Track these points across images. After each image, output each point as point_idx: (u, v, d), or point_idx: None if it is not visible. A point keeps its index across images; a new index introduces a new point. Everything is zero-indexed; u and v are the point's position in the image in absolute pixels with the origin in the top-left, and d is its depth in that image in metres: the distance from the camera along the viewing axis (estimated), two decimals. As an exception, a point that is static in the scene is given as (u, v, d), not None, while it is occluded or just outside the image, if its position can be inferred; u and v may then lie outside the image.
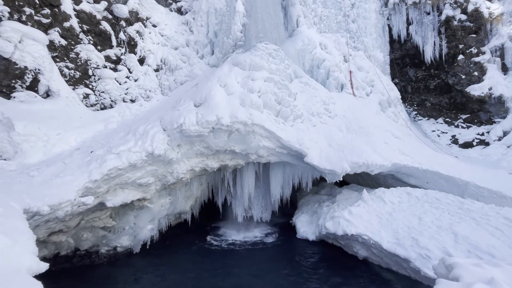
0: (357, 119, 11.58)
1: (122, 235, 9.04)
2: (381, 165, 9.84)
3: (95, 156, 7.87)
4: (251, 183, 11.35)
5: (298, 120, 10.25)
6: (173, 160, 8.78)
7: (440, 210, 8.21)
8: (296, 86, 11.37)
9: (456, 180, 10.31)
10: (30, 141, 7.94)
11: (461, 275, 3.08)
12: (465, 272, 3.11)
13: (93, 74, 10.85)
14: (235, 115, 8.77)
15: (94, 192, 7.41)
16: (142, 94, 11.76)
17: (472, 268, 3.17)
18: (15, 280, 2.83)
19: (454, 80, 15.24)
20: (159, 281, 7.40)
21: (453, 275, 3.21)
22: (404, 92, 17.19)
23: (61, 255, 8.31)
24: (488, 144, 13.74)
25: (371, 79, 14.12)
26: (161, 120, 9.05)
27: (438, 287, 2.69)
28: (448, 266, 3.45)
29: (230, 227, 11.75)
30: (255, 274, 7.65)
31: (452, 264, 3.38)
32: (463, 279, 2.99)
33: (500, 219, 7.35)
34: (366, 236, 7.77)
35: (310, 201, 12.12)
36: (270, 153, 9.77)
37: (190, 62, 13.25)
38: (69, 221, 7.32)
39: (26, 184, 6.45)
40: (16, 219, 4.14)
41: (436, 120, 16.05)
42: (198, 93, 9.58)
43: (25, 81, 9.04)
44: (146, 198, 9.01)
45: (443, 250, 6.45)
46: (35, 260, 3.48)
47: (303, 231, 10.30)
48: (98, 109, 10.67)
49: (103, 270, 8.11)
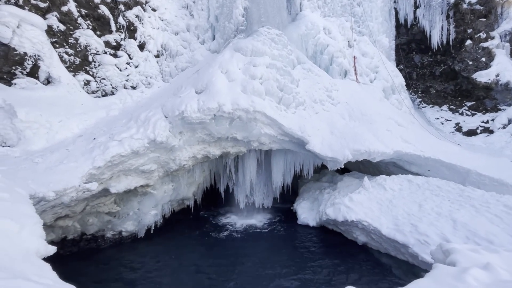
0: (360, 106, 11.46)
1: (127, 220, 9.26)
2: (383, 153, 9.83)
3: (98, 143, 7.92)
4: (253, 170, 11.44)
5: (300, 107, 10.17)
6: (175, 147, 8.82)
7: (441, 198, 8.27)
8: (298, 72, 11.19)
9: (458, 168, 10.30)
10: (33, 128, 7.99)
11: (457, 260, 3.14)
12: (462, 257, 3.17)
13: (93, 60, 10.73)
14: (237, 102, 8.71)
15: (98, 178, 7.52)
16: (143, 80, 11.66)
17: (469, 253, 3.23)
18: (24, 262, 2.93)
19: (461, 66, 14.89)
20: (163, 264, 7.64)
21: (450, 260, 3.27)
22: (409, 79, 16.89)
23: (68, 239, 8.56)
24: (492, 132, 13.62)
25: (376, 65, 13.84)
26: (163, 107, 9.02)
27: (435, 271, 2.75)
28: (445, 251, 3.51)
29: (232, 213, 11.97)
30: (256, 258, 7.86)
31: (449, 250, 3.44)
32: (459, 264, 3.05)
33: (500, 207, 7.40)
34: (366, 222, 7.89)
35: (311, 188, 12.23)
36: (272, 140, 9.76)
37: (191, 48, 13.01)
38: (74, 206, 7.48)
39: (31, 171, 6.55)
40: (22, 204, 4.24)
41: (441, 108, 15.85)
42: (200, 80, 9.48)
43: (25, 68, 8.97)
44: (149, 185, 9.14)
45: (442, 236, 6.55)
46: (42, 244, 3.59)
47: (304, 217, 10.47)
48: (99, 96, 10.63)
49: (109, 253, 8.37)
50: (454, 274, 2.62)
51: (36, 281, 2.43)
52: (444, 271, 2.71)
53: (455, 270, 2.71)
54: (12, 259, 2.87)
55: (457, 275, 2.60)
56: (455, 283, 2.48)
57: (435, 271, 2.75)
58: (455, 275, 2.60)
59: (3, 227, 3.38)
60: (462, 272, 2.62)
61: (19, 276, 2.42)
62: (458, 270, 2.70)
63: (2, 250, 2.95)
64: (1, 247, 3.01)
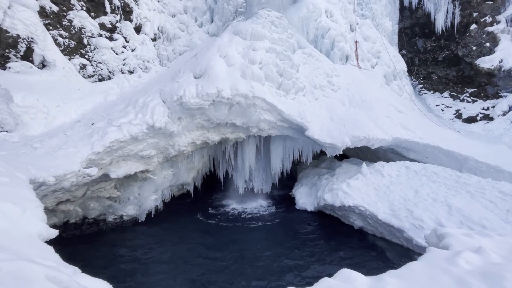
0: (361, 92, 11.34)
1: (128, 204, 9.39)
2: (382, 139, 9.84)
3: (96, 128, 7.89)
4: (252, 156, 11.48)
5: (300, 93, 10.05)
6: (174, 133, 8.80)
7: (437, 184, 8.38)
8: (299, 57, 10.97)
9: (456, 155, 10.36)
10: (30, 113, 7.91)
11: (451, 244, 3.23)
12: (455, 241, 3.25)
13: (89, 44, 10.46)
14: (236, 88, 8.59)
15: (98, 163, 7.55)
16: (140, 65, 11.43)
17: (462, 237, 3.31)
18: (27, 245, 3.00)
19: (464, 52, 14.62)
20: (164, 247, 7.84)
21: (443, 244, 3.36)
22: (411, 64, 16.61)
23: (71, 222, 8.72)
24: (492, 119, 13.58)
25: (378, 50, 13.56)
26: (161, 92, 8.90)
27: (428, 254, 2.83)
28: (439, 235, 3.60)
29: (231, 198, 12.13)
30: (255, 242, 8.06)
31: (443, 234, 3.52)
32: (452, 247, 3.14)
33: (495, 193, 7.52)
34: (362, 207, 8.03)
35: (310, 174, 12.34)
36: (271, 126, 9.73)
37: (188, 31, 12.67)
38: (75, 191, 7.56)
39: (30, 156, 6.55)
40: (23, 188, 4.28)
41: (442, 94, 15.70)
42: (198, 64, 9.30)
43: (19, 51, 8.76)
44: (149, 170, 9.20)
45: (436, 221, 6.69)
46: (44, 227, 3.65)
47: (302, 203, 10.64)
48: (96, 81, 10.46)
49: (111, 236, 8.56)
50: (446, 257, 2.70)
51: (39, 263, 2.49)
52: (437, 254, 2.79)
53: (448, 254, 2.79)
54: (15, 242, 2.93)
55: (449, 258, 2.68)
56: (447, 265, 2.56)
57: (428, 254, 2.83)
58: (448, 258, 2.68)
59: (5, 210, 3.42)
60: (455, 256, 2.69)
61: (23, 257, 2.48)
62: (450, 254, 2.77)
63: (4, 233, 3.00)
64: (4, 230, 3.07)
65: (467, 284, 2.27)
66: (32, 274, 2.18)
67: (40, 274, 2.20)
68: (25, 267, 2.21)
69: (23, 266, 2.22)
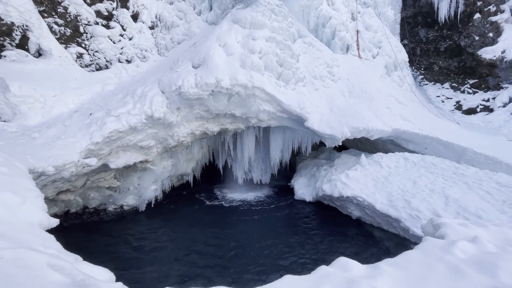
0: (361, 83, 11.25)
1: (128, 194, 9.45)
2: (381, 131, 9.84)
3: (95, 118, 7.84)
4: (251, 146, 11.49)
5: (300, 83, 9.96)
6: (173, 123, 8.76)
7: (435, 175, 8.44)
8: (299, 46, 10.81)
9: (455, 146, 10.39)
10: (28, 103, 7.83)
11: (446, 234, 3.28)
12: (451, 231, 3.30)
13: (85, 32, 10.25)
14: (235, 78, 8.50)
15: (97, 154, 7.55)
16: (138, 54, 11.24)
17: (458, 227, 3.36)
18: (28, 233, 3.03)
19: (467, 42, 14.43)
20: (164, 236, 7.95)
21: (439, 233, 3.41)
22: (412, 55, 16.42)
23: (71, 212, 8.79)
24: (492, 111, 13.56)
25: (379, 39, 13.36)
26: (159, 82, 8.81)
27: (424, 243, 2.88)
28: (435, 225, 3.65)
29: (231, 188, 12.22)
30: (253, 231, 8.17)
31: (439, 224, 3.57)
32: (448, 237, 3.19)
33: (492, 184, 7.59)
34: (361, 198, 8.11)
35: (309, 165, 12.40)
36: (270, 117, 9.69)
37: (187, 19, 12.40)
38: (75, 181, 7.58)
39: (29, 146, 6.54)
40: (22, 178, 4.28)
41: (442, 85, 15.60)
42: (197, 54, 9.16)
43: (14, 39, 8.58)
44: (148, 160, 9.21)
45: (433, 212, 6.78)
46: (45, 216, 3.68)
47: (301, 193, 10.73)
48: (94, 70, 10.31)
49: (111, 225, 8.66)
50: (442, 246, 2.75)
51: (41, 251, 2.52)
52: (433, 243, 2.84)
53: (443, 243, 2.84)
54: (16, 230, 2.96)
55: (445, 247, 2.73)
56: (442, 254, 2.60)
57: (424, 244, 2.87)
58: (443, 247, 2.73)
59: (5, 200, 3.44)
60: (450, 245, 2.74)
61: (24, 246, 2.51)
62: (446, 243, 2.82)
63: (5, 222, 3.02)
64: (5, 219, 3.09)
65: (461, 272, 2.32)
66: (34, 261, 2.21)
67: (42, 261, 2.24)
68: (27, 255, 2.24)
69: (25, 254, 2.25)
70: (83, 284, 2.19)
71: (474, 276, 2.26)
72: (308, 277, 2.34)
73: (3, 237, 2.65)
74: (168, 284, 5.25)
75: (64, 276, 2.21)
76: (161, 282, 5.64)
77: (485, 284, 2.17)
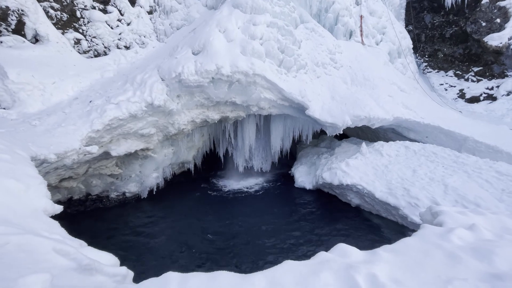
0: (364, 70, 11.07)
1: (129, 182, 9.55)
2: (383, 119, 9.78)
3: (95, 106, 7.79)
4: (252, 135, 11.47)
5: (301, 70, 9.81)
6: (173, 111, 8.72)
7: (435, 163, 8.46)
8: (301, 32, 10.56)
9: (456, 135, 10.36)
10: (27, 90, 7.77)
11: (444, 221, 3.32)
12: (449, 219, 3.34)
13: (82, 16, 10.01)
14: (236, 65, 8.37)
15: (98, 141, 7.56)
16: (136, 40, 11.03)
17: (456, 215, 3.40)
18: (33, 219, 3.08)
19: (473, 28, 14.07)
20: (166, 222, 8.09)
21: (437, 221, 3.46)
22: (417, 41, 16.07)
23: (74, 199, 8.92)
24: (495, 99, 13.41)
25: (383, 25, 13.03)
26: (159, 69, 8.68)
27: (422, 230, 2.93)
28: (434, 213, 3.70)
29: (232, 176, 12.31)
30: (254, 217, 8.30)
31: (437, 212, 3.61)
32: (446, 224, 3.24)
33: (491, 173, 7.62)
34: (360, 186, 8.18)
35: (309, 153, 12.42)
36: (271, 105, 9.62)
37: (186, 3, 12.07)
38: (77, 168, 7.64)
39: (30, 133, 6.54)
40: (24, 165, 4.31)
41: (446, 73, 15.36)
42: (196, 39, 8.97)
43: (10, 24, 8.40)
44: (149, 148, 9.23)
45: (432, 200, 6.85)
46: (49, 203, 3.74)
47: (301, 181, 10.81)
48: (92, 56, 10.15)
49: (114, 212, 8.80)
50: (439, 233, 2.79)
51: (46, 237, 2.58)
52: (431, 230, 2.88)
53: (441, 230, 2.88)
54: (21, 217, 3.01)
55: (442, 234, 2.77)
56: (439, 241, 2.65)
57: (422, 231, 2.92)
58: (441, 234, 2.77)
59: (9, 187, 3.48)
60: (448, 232, 2.78)
61: (30, 232, 2.56)
62: (444, 230, 2.87)
63: (10, 209, 3.07)
64: (10, 206, 3.14)
65: (458, 258, 2.37)
66: (40, 246, 2.26)
67: (48, 247, 2.29)
68: (33, 240, 2.29)
69: (31, 239, 2.30)
70: (89, 268, 2.25)
71: (470, 262, 2.31)
72: (307, 262, 2.40)
73: (9, 223, 2.70)
74: (170, 269, 5.39)
75: (70, 261, 2.27)
76: (164, 267, 5.79)
77: (481, 270, 2.22)
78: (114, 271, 2.48)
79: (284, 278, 2.14)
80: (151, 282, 2.07)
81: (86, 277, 2.22)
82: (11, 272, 1.90)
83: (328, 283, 2.09)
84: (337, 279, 2.13)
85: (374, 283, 2.09)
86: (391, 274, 2.21)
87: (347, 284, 2.07)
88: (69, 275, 2.13)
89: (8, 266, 1.96)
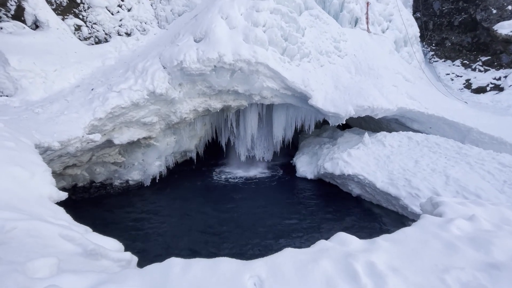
0: (368, 59, 10.87)
1: (132, 170, 9.65)
2: (386, 109, 9.68)
3: (97, 94, 7.78)
4: (254, 124, 11.44)
5: (305, 59, 9.65)
6: (175, 100, 8.68)
7: (438, 154, 8.43)
8: (305, 19, 10.31)
9: (460, 126, 10.26)
10: (29, 77, 7.75)
11: (444, 212, 3.35)
12: (449, 209, 3.37)
13: (82, 2, 9.83)
14: (238, 53, 8.24)
15: (101, 130, 7.60)
16: (137, 26, 10.85)
17: (456, 206, 3.42)
18: (39, 206, 3.15)
19: (483, 16, 13.64)
20: (168, 209, 8.24)
21: (437, 211, 3.49)
22: (424, 29, 15.65)
23: (79, 186, 9.06)
24: (502, 90, 13.17)
25: (390, 12, 12.68)
26: (160, 56, 8.59)
27: (422, 220, 2.96)
28: (434, 204, 3.72)
29: (233, 165, 12.39)
30: (255, 206, 8.41)
31: (438, 202, 3.64)
32: (446, 215, 3.26)
33: (494, 164, 7.59)
34: (362, 176, 8.21)
35: (311, 143, 12.41)
36: (274, 94, 9.54)
37: (187, -12, 11.76)
38: (80, 156, 7.72)
39: (33, 121, 6.57)
40: (29, 153, 4.37)
41: (453, 62, 15.04)
42: (198, 26, 8.81)
43: (9, 9, 8.29)
44: (152, 137, 9.27)
45: (433, 190, 6.87)
46: (54, 190, 3.80)
47: (303, 171, 10.86)
48: (93, 43, 10.04)
49: (118, 199, 8.95)
50: (439, 224, 2.82)
51: (52, 222, 2.64)
52: (430, 220, 2.91)
53: (440, 220, 2.91)
54: (27, 203, 3.07)
55: (442, 224, 2.80)
56: (439, 231, 2.68)
57: (422, 221, 2.95)
58: (440, 225, 2.80)
59: (15, 174, 3.54)
60: (447, 222, 2.81)
61: (36, 217, 2.62)
62: (443, 220, 2.89)
63: (16, 195, 3.14)
64: (16, 192, 3.20)
65: (456, 248, 2.40)
66: (47, 232, 2.32)
67: (54, 232, 2.35)
68: (40, 226, 2.35)
69: (38, 225, 2.36)
70: (94, 253, 2.32)
71: (468, 252, 2.35)
72: (307, 250, 2.45)
73: (16, 209, 2.76)
74: (173, 255, 5.53)
75: (76, 246, 2.33)
76: (166, 253, 5.94)
77: (478, 260, 2.25)
78: (118, 256, 2.55)
79: (284, 265, 2.19)
80: (155, 267, 2.13)
81: (92, 261, 2.29)
82: (19, 256, 1.97)
83: (327, 270, 2.14)
84: (336, 266, 2.18)
85: (372, 271, 2.13)
86: (389, 262, 2.26)
87: (346, 272, 2.12)
88: (75, 259, 2.20)
89: (17, 251, 2.02)
